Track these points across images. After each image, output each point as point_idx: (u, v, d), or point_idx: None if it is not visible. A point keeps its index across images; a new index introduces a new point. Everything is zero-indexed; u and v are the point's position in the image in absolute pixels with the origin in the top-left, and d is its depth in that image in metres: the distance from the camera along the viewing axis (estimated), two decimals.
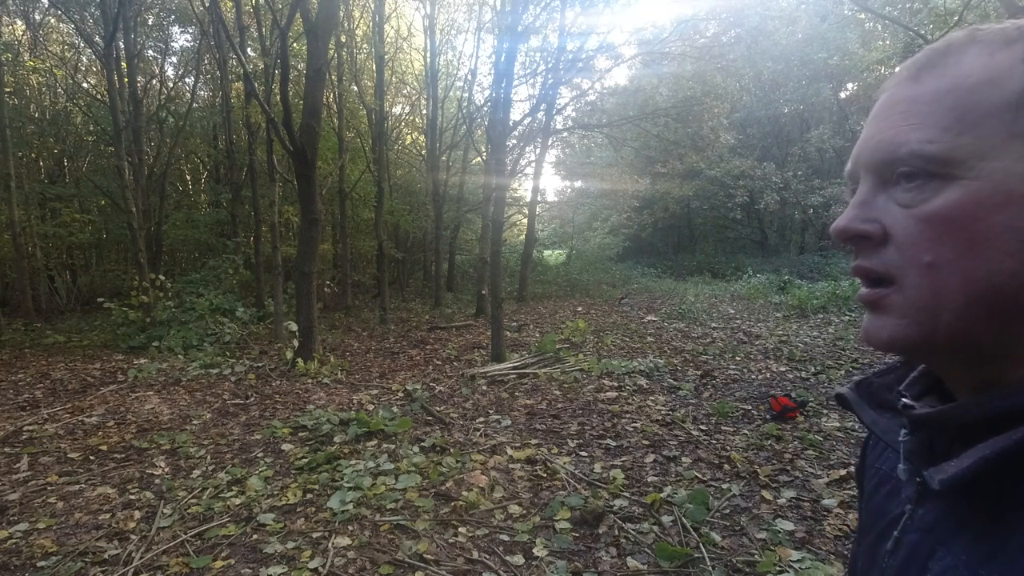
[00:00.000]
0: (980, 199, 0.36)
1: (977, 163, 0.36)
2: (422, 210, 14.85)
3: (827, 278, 13.57)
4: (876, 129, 0.42)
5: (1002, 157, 0.36)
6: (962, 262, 0.37)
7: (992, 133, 0.36)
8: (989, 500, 0.37)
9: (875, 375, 0.53)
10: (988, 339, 0.38)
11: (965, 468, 0.36)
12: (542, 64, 13.12)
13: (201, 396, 5.53)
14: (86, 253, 14.05)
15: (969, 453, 0.37)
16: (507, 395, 5.35)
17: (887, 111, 0.42)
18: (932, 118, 0.38)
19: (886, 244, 0.40)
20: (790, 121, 20.87)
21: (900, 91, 0.41)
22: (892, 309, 0.40)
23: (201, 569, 2.52)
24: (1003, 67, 0.37)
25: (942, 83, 0.39)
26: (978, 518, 0.38)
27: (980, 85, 0.37)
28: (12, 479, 3.52)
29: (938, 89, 0.39)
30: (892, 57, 14.46)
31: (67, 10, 10.46)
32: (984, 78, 0.37)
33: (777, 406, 4.42)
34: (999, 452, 0.35)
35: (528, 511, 3.01)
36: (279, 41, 6.45)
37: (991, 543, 0.36)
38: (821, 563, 2.41)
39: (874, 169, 0.42)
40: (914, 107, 0.39)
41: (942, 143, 0.37)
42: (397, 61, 15.77)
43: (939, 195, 0.38)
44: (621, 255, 22.70)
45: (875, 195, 0.42)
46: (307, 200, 6.66)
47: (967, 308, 0.37)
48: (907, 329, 0.40)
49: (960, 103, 0.37)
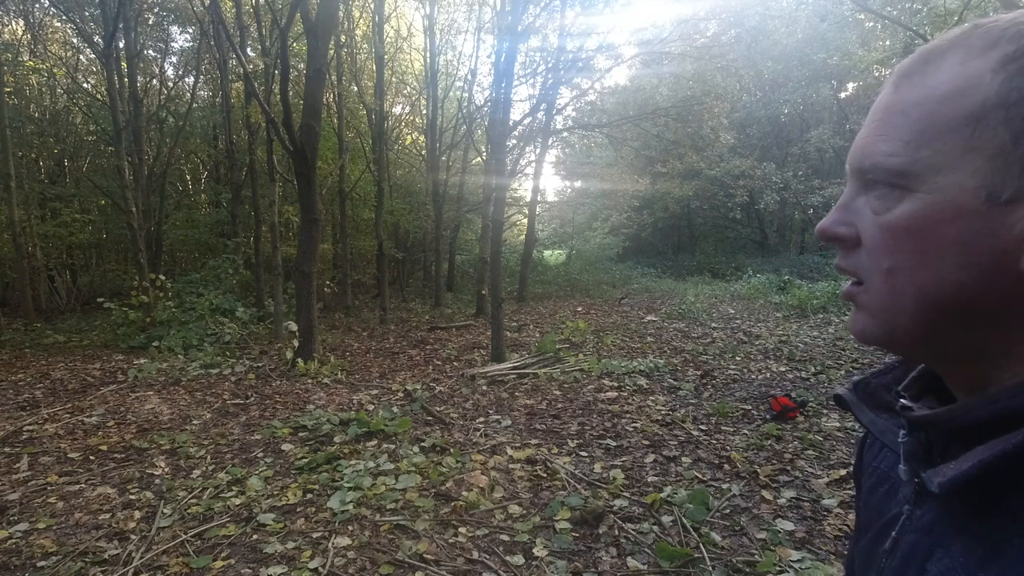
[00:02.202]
0: (932, 213, 0.37)
1: (932, 177, 0.37)
2: (422, 210, 14.84)
3: (827, 278, 13.56)
4: (861, 134, 0.43)
5: (957, 171, 0.36)
6: (916, 271, 0.38)
7: (950, 147, 0.36)
8: (988, 503, 0.37)
9: (873, 375, 0.53)
10: (952, 344, 0.40)
11: (964, 472, 0.36)
12: (542, 64, 13.11)
13: (201, 396, 5.53)
14: (86, 253, 14.03)
15: (968, 456, 0.37)
16: (507, 395, 5.35)
17: (870, 117, 0.43)
18: (899, 131, 0.39)
19: (859, 246, 0.42)
20: (790, 121, 20.86)
21: (883, 98, 0.42)
22: (863, 307, 0.43)
23: (201, 569, 2.52)
24: (972, 77, 0.36)
25: (914, 94, 0.39)
26: (976, 521, 0.38)
27: (947, 97, 0.37)
28: (12, 479, 3.52)
29: (910, 100, 0.39)
30: (892, 57, 14.45)
31: (67, 10, 10.45)
32: (952, 89, 0.37)
33: (777, 406, 4.42)
34: (998, 456, 0.35)
35: (528, 511, 3.01)
36: (279, 41, 6.45)
37: (989, 546, 0.36)
38: (821, 563, 2.41)
39: (853, 174, 0.43)
40: (887, 117, 0.41)
41: (902, 157, 0.38)
42: (397, 61, 15.76)
43: (899, 206, 0.39)
44: (621, 255, 22.67)
45: (855, 198, 0.43)
46: (307, 200, 6.66)
47: (921, 314, 0.39)
48: (873, 327, 0.43)
49: (925, 116, 0.38)
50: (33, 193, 11.24)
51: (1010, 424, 0.36)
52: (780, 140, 20.90)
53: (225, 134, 11.92)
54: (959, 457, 0.38)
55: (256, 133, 10.09)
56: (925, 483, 0.39)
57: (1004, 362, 0.38)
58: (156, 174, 12.78)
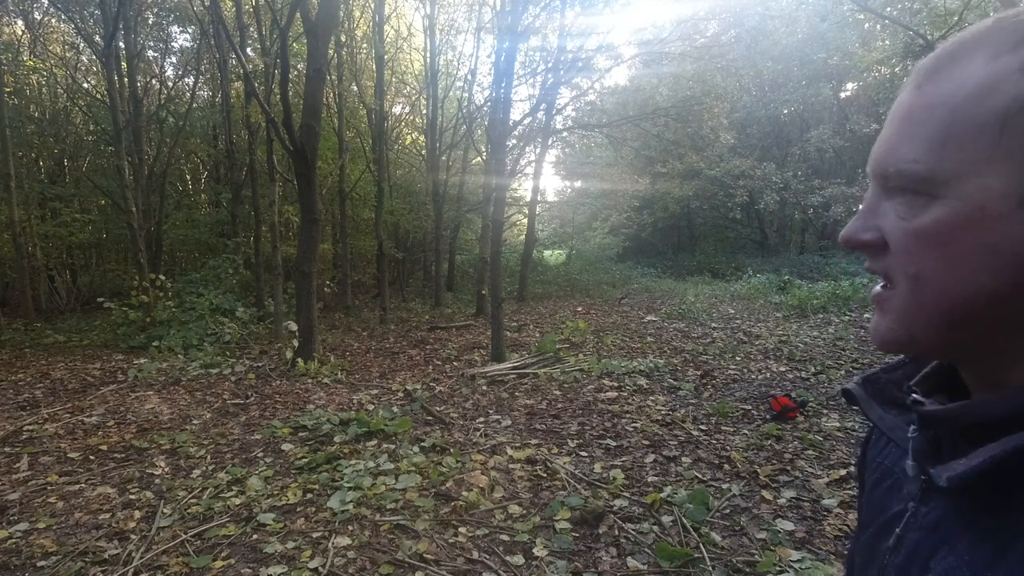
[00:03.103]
0: (960, 219, 0.36)
1: (958, 183, 0.36)
2: (422, 210, 14.84)
3: (827, 278, 13.55)
4: (882, 136, 0.42)
5: (985, 175, 0.35)
6: (944, 278, 0.38)
7: (976, 151, 0.35)
8: (995, 501, 0.37)
9: (883, 371, 0.53)
10: (974, 346, 0.40)
11: (974, 467, 0.36)
12: (542, 64, 13.12)
13: (201, 396, 5.53)
14: (86, 253, 14.03)
15: (978, 452, 0.36)
16: (507, 395, 5.35)
17: (891, 118, 0.42)
18: (922, 133, 0.38)
19: (887, 249, 0.42)
20: (790, 121, 20.84)
21: (905, 97, 0.41)
22: (890, 311, 0.42)
23: (201, 569, 2.52)
24: (1000, 75, 0.35)
25: (938, 94, 0.38)
26: (983, 519, 0.37)
27: (972, 97, 0.36)
28: (12, 479, 3.52)
29: (933, 101, 0.38)
30: (892, 57, 14.44)
31: (67, 10, 10.46)
32: (978, 89, 0.35)
33: (777, 406, 4.42)
34: (1009, 452, 0.34)
35: (528, 511, 3.01)
36: (279, 41, 6.45)
37: (996, 544, 0.36)
38: (821, 563, 2.41)
39: (876, 178, 0.43)
40: (909, 118, 0.39)
41: (926, 163, 0.37)
42: (397, 61, 15.76)
43: (925, 212, 0.38)
44: (621, 255, 22.66)
45: (880, 201, 0.43)
46: (307, 200, 6.66)
47: (947, 320, 0.39)
48: (896, 332, 0.42)
49: (949, 117, 0.37)
50: (33, 193, 11.24)
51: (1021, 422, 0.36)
52: (780, 140, 20.88)
53: (225, 134, 11.93)
54: (968, 454, 0.37)
55: (256, 133, 10.09)
56: (933, 478, 0.39)
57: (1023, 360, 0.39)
58: (156, 174, 12.78)
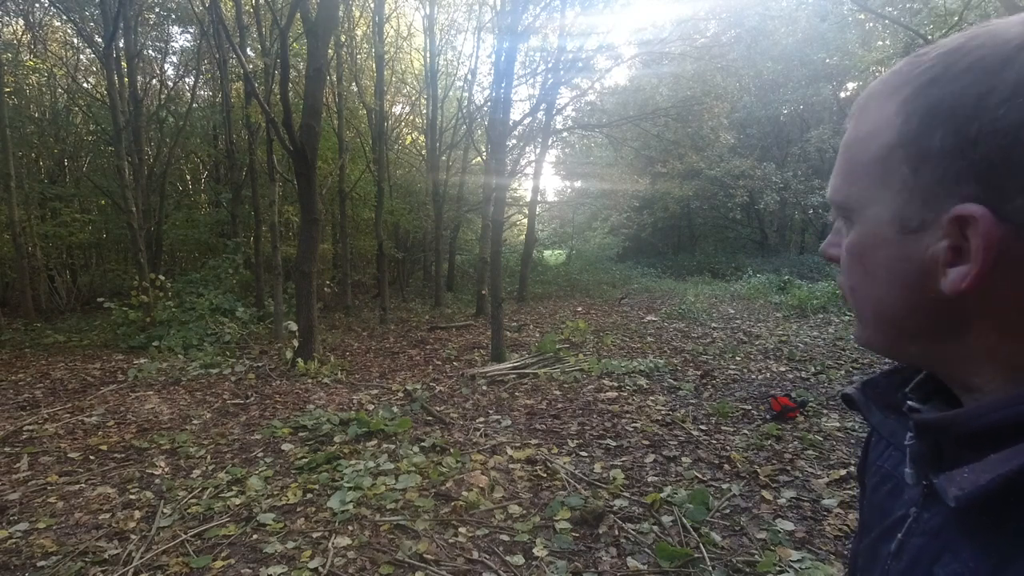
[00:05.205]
0: (865, 240, 0.42)
1: (862, 210, 0.42)
2: (422, 210, 14.83)
3: (827, 278, 13.56)
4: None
5: (876, 204, 0.41)
6: (866, 288, 0.44)
7: (870, 184, 0.41)
8: (1000, 516, 0.36)
9: (883, 375, 0.53)
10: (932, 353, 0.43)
11: (982, 486, 0.35)
12: (542, 64, 13.12)
13: (201, 396, 5.53)
14: (86, 253, 14.02)
15: (984, 466, 0.36)
16: (507, 395, 5.35)
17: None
18: (843, 167, 0.44)
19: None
20: (790, 121, 20.84)
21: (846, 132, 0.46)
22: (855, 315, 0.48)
23: (201, 569, 2.52)
24: (884, 118, 0.40)
25: (853, 132, 0.44)
26: (986, 532, 0.37)
27: (867, 137, 0.41)
28: (12, 479, 3.52)
29: (850, 139, 0.44)
30: (892, 57, 14.44)
31: (67, 10, 10.45)
32: (871, 130, 0.41)
33: (777, 406, 4.43)
34: (1016, 471, 0.34)
35: (528, 511, 3.01)
36: (279, 41, 6.46)
37: (1001, 555, 0.35)
38: (821, 563, 2.41)
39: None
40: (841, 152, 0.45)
41: (843, 193, 0.44)
42: (397, 61, 15.76)
43: (850, 232, 0.44)
44: (621, 255, 22.66)
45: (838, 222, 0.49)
46: (307, 200, 6.66)
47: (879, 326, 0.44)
48: (858, 335, 0.48)
49: (853, 155, 0.43)
50: (33, 193, 11.23)
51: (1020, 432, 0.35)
52: (780, 140, 20.88)
53: (225, 134, 11.92)
54: (971, 463, 0.37)
55: (256, 133, 10.09)
56: (939, 491, 0.39)
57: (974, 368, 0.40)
58: (156, 174, 12.77)
